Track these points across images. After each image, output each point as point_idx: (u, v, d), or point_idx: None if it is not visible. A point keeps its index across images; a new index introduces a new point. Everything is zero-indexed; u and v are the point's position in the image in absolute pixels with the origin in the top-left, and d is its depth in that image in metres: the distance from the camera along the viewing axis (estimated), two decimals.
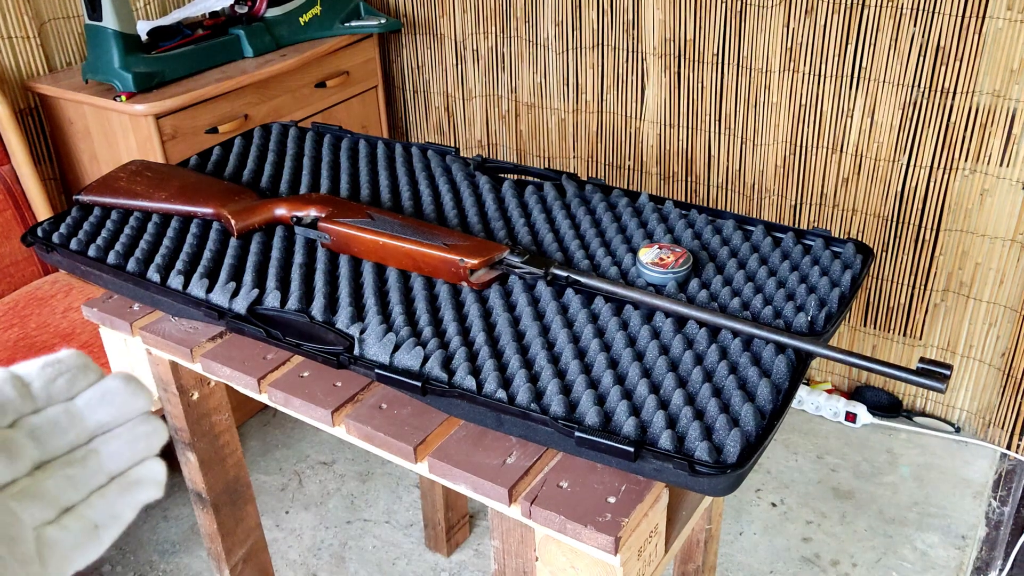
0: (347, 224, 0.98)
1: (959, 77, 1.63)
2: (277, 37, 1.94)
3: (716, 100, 1.89)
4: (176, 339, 0.98)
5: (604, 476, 0.76)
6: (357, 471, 1.93)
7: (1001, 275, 1.74)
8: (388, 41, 2.27)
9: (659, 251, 0.95)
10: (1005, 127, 1.62)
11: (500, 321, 0.88)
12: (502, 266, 0.93)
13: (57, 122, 1.87)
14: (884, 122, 1.73)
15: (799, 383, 0.80)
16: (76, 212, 1.11)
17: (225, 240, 1.04)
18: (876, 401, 1.97)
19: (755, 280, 0.94)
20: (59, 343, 1.55)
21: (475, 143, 2.26)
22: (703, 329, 0.85)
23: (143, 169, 1.15)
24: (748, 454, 0.72)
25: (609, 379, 0.79)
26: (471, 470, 0.77)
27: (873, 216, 1.83)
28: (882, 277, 1.88)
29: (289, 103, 1.95)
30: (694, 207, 1.07)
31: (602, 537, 0.71)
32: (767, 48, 1.78)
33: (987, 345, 1.82)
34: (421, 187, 1.14)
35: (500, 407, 0.77)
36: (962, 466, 1.84)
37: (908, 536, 1.69)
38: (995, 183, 1.68)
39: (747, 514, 1.76)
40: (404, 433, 0.82)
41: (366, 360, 0.84)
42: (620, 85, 1.99)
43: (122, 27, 1.67)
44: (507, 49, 2.10)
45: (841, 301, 0.90)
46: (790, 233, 1.01)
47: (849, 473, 1.84)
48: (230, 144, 1.28)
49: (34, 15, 1.86)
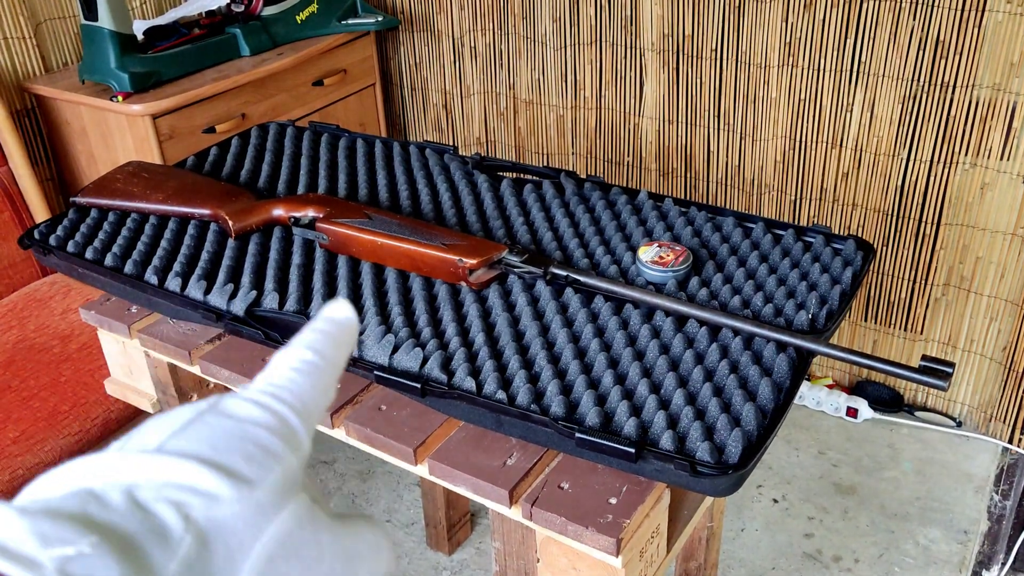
0: (345, 224, 0.98)
1: (959, 71, 1.62)
2: (274, 35, 1.94)
3: (715, 95, 1.88)
4: (174, 341, 0.97)
5: (605, 477, 0.76)
6: (357, 470, 1.92)
7: (1002, 269, 1.74)
8: (385, 38, 2.26)
9: (659, 249, 0.94)
10: (1005, 121, 1.62)
11: (499, 321, 0.87)
12: (501, 266, 0.93)
13: (54, 123, 1.86)
14: (884, 116, 1.73)
15: (800, 381, 0.79)
16: (73, 214, 1.11)
17: (223, 241, 1.03)
18: (877, 396, 1.96)
19: (755, 278, 0.94)
20: (58, 345, 1.54)
21: (473, 140, 2.26)
22: (703, 328, 0.85)
23: (140, 170, 1.14)
24: (750, 454, 0.71)
25: (609, 379, 0.79)
26: (472, 472, 0.77)
27: (873, 210, 1.83)
28: (882, 272, 1.88)
29: (286, 102, 1.94)
30: (694, 204, 1.06)
31: (604, 538, 0.70)
32: (766, 43, 1.77)
33: (988, 339, 1.81)
34: (419, 186, 1.14)
35: (500, 408, 0.77)
36: (964, 461, 1.84)
37: (910, 531, 1.69)
38: (995, 177, 1.67)
39: (749, 510, 1.76)
40: (404, 435, 0.81)
41: (365, 361, 0.84)
42: (619, 81, 1.99)
43: (118, 27, 1.66)
44: (505, 46, 2.10)
45: (842, 298, 0.90)
46: (790, 230, 1.00)
47: (851, 468, 1.84)
48: (227, 144, 1.27)
49: (30, 15, 1.86)
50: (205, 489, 0.27)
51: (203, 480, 0.27)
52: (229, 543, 0.27)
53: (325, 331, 0.34)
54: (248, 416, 0.30)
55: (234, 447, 0.28)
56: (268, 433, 0.30)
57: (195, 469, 0.27)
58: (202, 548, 0.26)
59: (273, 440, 0.30)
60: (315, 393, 0.32)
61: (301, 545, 0.29)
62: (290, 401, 0.31)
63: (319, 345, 0.33)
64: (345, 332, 0.34)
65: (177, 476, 0.27)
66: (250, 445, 0.29)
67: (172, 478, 0.27)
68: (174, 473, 0.27)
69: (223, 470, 0.27)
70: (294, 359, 0.33)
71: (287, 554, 0.28)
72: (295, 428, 0.31)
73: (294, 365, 0.32)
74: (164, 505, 0.26)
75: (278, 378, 0.32)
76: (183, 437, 0.28)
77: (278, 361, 0.33)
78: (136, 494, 0.26)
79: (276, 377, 0.32)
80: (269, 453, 0.29)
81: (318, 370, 0.33)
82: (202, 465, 0.27)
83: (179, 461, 0.27)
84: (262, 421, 0.30)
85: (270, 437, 0.30)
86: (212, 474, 0.27)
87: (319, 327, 0.34)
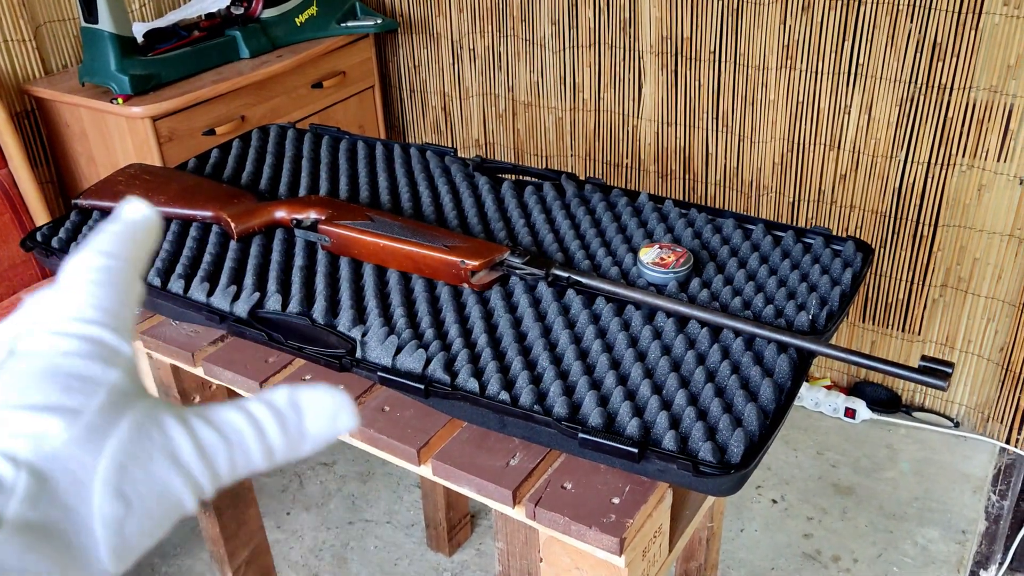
0: (347, 226, 0.98)
1: (956, 73, 1.63)
2: (273, 38, 1.94)
3: (713, 98, 1.89)
4: (177, 343, 0.97)
5: (608, 477, 0.76)
6: (358, 471, 1.93)
7: (999, 270, 1.75)
8: (384, 41, 2.26)
9: (660, 251, 0.95)
10: (1002, 123, 1.62)
11: (502, 322, 0.88)
12: (503, 267, 0.93)
13: (54, 125, 1.86)
14: (881, 118, 1.73)
15: (801, 382, 0.80)
16: (75, 216, 1.11)
17: (225, 243, 1.04)
18: (875, 397, 1.97)
19: (756, 279, 0.94)
20: None
21: (472, 142, 2.26)
22: (705, 329, 0.85)
23: (141, 172, 1.15)
24: (752, 454, 0.72)
25: (612, 380, 0.80)
26: (475, 472, 0.77)
27: (871, 212, 1.83)
28: (880, 273, 1.88)
29: (286, 104, 1.94)
30: (694, 206, 1.07)
31: (607, 538, 0.71)
32: (764, 45, 1.78)
33: (985, 340, 1.82)
34: (420, 188, 1.14)
35: (503, 409, 0.77)
36: (961, 461, 1.84)
37: (908, 531, 1.69)
38: (992, 178, 1.68)
39: (748, 511, 1.76)
40: (407, 436, 0.82)
41: (368, 363, 0.84)
42: (617, 83, 1.99)
43: (118, 29, 1.67)
44: (504, 48, 2.10)
45: (842, 299, 0.90)
46: (790, 232, 1.01)
47: (849, 469, 1.84)
48: (228, 146, 1.27)
49: (30, 18, 1.86)
50: (29, 432, 0.28)
51: (24, 424, 0.28)
52: (70, 467, 0.28)
53: (116, 231, 0.33)
54: (54, 349, 0.30)
55: (47, 385, 0.29)
56: (81, 359, 0.30)
57: (14, 416, 0.28)
58: (41, 481, 0.27)
59: (88, 364, 0.30)
60: (119, 296, 0.32)
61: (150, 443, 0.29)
62: (96, 318, 0.31)
63: (110, 246, 0.33)
64: (138, 229, 0.34)
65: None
66: (64, 377, 0.29)
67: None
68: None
69: (44, 409, 0.28)
70: (87, 268, 0.32)
71: (139, 456, 0.29)
72: (109, 343, 0.31)
73: (90, 277, 0.32)
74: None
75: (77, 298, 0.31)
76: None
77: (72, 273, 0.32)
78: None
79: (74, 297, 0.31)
80: (86, 379, 0.29)
81: (115, 272, 0.32)
82: (20, 410, 0.28)
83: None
84: (72, 349, 0.30)
85: (84, 362, 0.30)
86: (32, 415, 0.28)
87: (110, 228, 0.34)
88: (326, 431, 0.33)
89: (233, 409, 0.32)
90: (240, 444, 0.31)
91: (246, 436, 0.31)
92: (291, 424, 0.32)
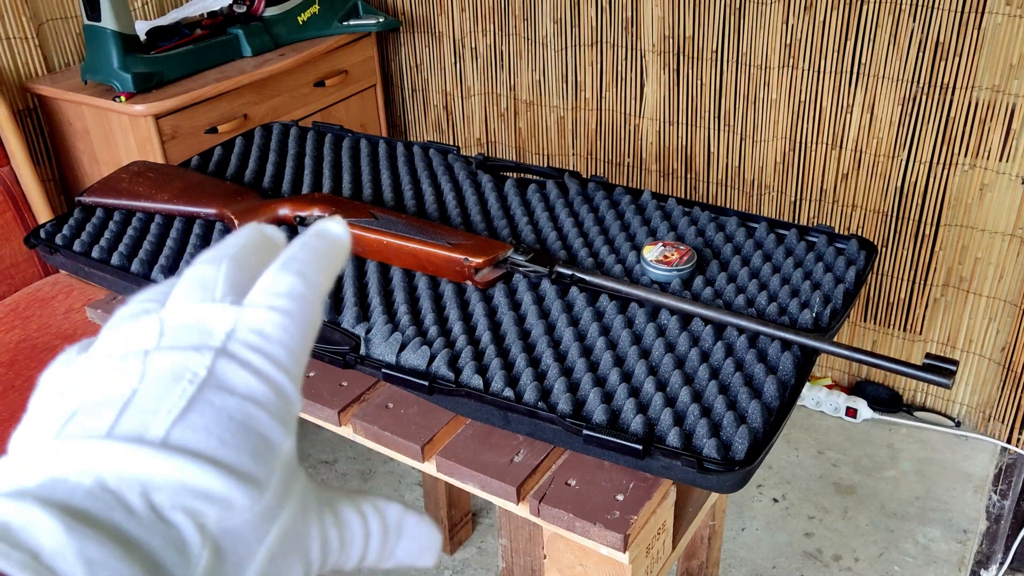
0: (351, 224, 0.98)
1: (958, 72, 1.63)
2: (275, 36, 1.94)
3: (715, 96, 1.89)
4: None
5: (612, 474, 0.76)
6: (359, 469, 1.93)
7: (1001, 270, 1.75)
8: (386, 40, 2.26)
9: (663, 248, 0.95)
10: (1004, 122, 1.62)
11: (505, 320, 0.88)
12: (506, 265, 0.93)
13: (56, 123, 1.86)
14: (884, 117, 1.73)
15: (805, 380, 0.80)
16: (79, 213, 1.11)
17: None
18: (876, 396, 1.97)
19: (759, 277, 0.94)
20: (61, 344, 1.55)
21: (474, 141, 2.26)
22: (708, 326, 0.85)
23: (145, 170, 1.15)
24: (756, 451, 0.72)
25: (615, 377, 0.80)
26: (479, 469, 0.77)
27: (873, 211, 1.83)
28: (882, 272, 1.88)
29: (288, 102, 1.94)
30: (697, 204, 1.07)
31: (611, 535, 0.71)
32: (766, 44, 1.78)
33: (987, 340, 1.82)
34: (423, 186, 1.14)
35: (507, 405, 0.77)
36: (962, 460, 1.84)
37: (910, 530, 1.69)
38: (995, 178, 1.68)
39: (749, 510, 1.77)
40: (411, 432, 0.82)
41: (372, 360, 0.85)
42: (619, 82, 1.99)
43: (121, 27, 1.67)
44: (506, 47, 2.10)
45: (846, 297, 0.90)
46: (793, 230, 1.01)
47: (850, 468, 1.84)
48: (231, 144, 1.28)
49: (32, 16, 1.86)
50: (219, 495, 0.25)
51: (217, 485, 0.25)
52: (239, 551, 0.25)
53: (317, 249, 0.29)
54: (248, 391, 0.26)
55: (241, 440, 0.25)
56: (269, 417, 0.26)
57: (208, 473, 0.25)
58: (217, 561, 0.24)
59: (274, 426, 0.26)
60: (305, 342, 0.28)
61: (298, 537, 0.27)
62: (285, 363, 0.27)
63: (307, 267, 0.28)
64: (336, 251, 0.29)
65: (190, 479, 0.24)
66: (255, 436, 0.26)
67: (186, 480, 0.24)
68: (187, 475, 0.24)
69: (235, 473, 0.25)
70: (281, 285, 0.27)
71: (286, 550, 0.27)
72: (292, 401, 0.27)
73: (279, 305, 0.27)
74: (181, 514, 0.24)
75: (268, 324, 0.27)
76: (188, 426, 0.25)
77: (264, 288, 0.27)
78: (152, 498, 0.24)
79: (265, 321, 0.27)
80: (270, 444, 0.26)
81: (306, 304, 0.28)
82: (214, 468, 0.25)
83: (191, 463, 0.24)
84: (262, 398, 0.26)
85: (271, 422, 0.26)
86: (225, 479, 0.25)
87: (309, 243, 0.29)
88: (407, 560, 0.31)
89: (355, 513, 0.30)
90: (347, 549, 0.30)
91: (356, 544, 0.30)
92: (390, 544, 0.31)
